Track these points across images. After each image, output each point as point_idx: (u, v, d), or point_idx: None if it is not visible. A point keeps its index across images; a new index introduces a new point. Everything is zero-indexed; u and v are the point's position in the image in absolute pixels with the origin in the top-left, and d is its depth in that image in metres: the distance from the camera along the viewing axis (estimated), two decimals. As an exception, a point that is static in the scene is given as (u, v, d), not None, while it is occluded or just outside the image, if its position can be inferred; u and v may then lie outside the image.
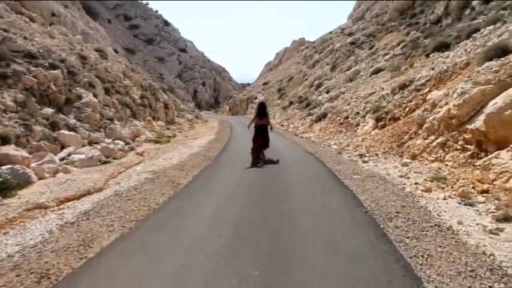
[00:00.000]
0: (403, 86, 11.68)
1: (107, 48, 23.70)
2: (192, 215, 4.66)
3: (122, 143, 12.63)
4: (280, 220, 4.35)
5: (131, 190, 6.20)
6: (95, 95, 14.74)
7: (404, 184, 6.07)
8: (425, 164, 7.07)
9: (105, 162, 9.84)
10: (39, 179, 7.34)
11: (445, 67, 9.67)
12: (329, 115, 16.14)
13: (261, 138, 9.16)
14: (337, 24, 54.46)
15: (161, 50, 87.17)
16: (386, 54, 23.90)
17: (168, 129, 21.06)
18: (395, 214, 4.51)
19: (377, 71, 21.04)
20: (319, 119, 17.40)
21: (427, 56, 14.77)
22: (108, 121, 14.62)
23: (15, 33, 13.97)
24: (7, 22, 15.22)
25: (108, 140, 12.60)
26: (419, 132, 8.10)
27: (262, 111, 9.56)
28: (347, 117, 13.84)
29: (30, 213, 5.13)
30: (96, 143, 12.56)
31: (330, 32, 51.87)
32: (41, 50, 13.89)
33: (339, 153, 9.84)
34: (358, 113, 13.28)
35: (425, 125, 7.82)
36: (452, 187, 5.56)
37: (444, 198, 5.14)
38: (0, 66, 11.14)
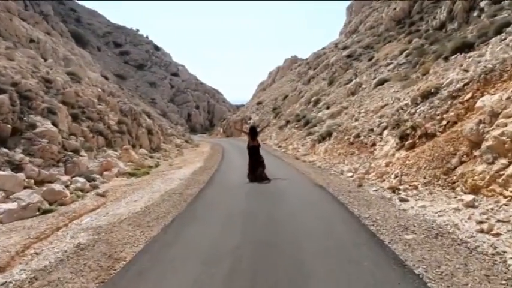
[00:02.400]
0: (427, 95, 9.38)
1: (81, 71, 21.49)
2: None
3: (82, 180, 10.10)
4: None
5: (38, 275, 3.68)
6: (54, 123, 12.29)
7: (502, 253, 3.52)
8: (504, 204, 4.63)
9: (45, 212, 7.29)
10: None
11: (489, 65, 7.44)
12: (334, 134, 13.76)
13: (255, 157, 9.91)
14: (328, 41, 53.15)
15: (152, 75, 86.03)
16: (389, 64, 21.90)
17: (151, 157, 18.57)
18: None
19: (382, 82, 18.97)
20: (323, 138, 15.02)
21: (446, 59, 12.61)
22: (71, 153, 12.12)
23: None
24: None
25: (65, 178, 10.05)
26: (476, 153, 5.72)
27: (253, 134, 10.47)
28: (358, 136, 11.46)
29: None
30: (50, 182, 10.05)
31: (323, 48, 50.46)
32: (-16, 72, 11.57)
33: (360, 185, 7.40)
34: (372, 129, 10.91)
35: (487, 144, 5.45)
36: None
37: None
38: None
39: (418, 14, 27.89)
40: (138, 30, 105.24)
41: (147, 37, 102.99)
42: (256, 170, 9.53)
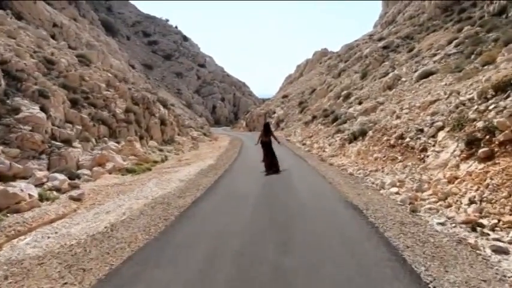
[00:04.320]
0: (504, 86, 6.93)
1: (92, 54, 20.08)
2: None
3: (61, 177, 8.40)
4: None
5: None
6: (43, 109, 10.71)
7: None
8: None
9: (-13, 222, 5.56)
10: None
11: None
12: (370, 133, 11.40)
13: (267, 151, 10.45)
14: (361, 34, 49.67)
15: (179, 66, 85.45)
16: (434, 54, 19.08)
17: (160, 150, 16.89)
18: None
19: (427, 75, 16.34)
20: (355, 137, 12.67)
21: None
22: (59, 143, 10.52)
23: None
24: None
25: (41, 174, 8.38)
26: None
27: (266, 130, 10.97)
28: (401, 137, 9.09)
29: None
30: (24, 178, 8.45)
31: (356, 40, 47.22)
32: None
33: (413, 210, 5.14)
34: (421, 130, 8.53)
35: None
36: None
37: None
38: None
39: (469, 0, 24.56)
40: (167, 21, 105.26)
41: (176, 27, 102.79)
42: (271, 163, 10.25)
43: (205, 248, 4.01)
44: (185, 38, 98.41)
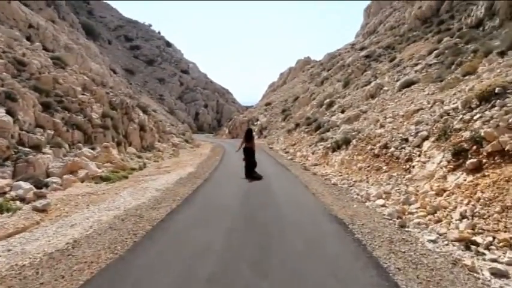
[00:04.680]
0: (488, 96, 6.85)
1: (69, 56, 19.32)
2: None
3: (26, 186, 7.78)
4: None
5: None
6: (10, 112, 10.02)
7: None
8: None
9: None
10: None
11: None
12: (353, 141, 11.21)
13: (249, 157, 10.65)
14: (343, 44, 50.19)
15: (162, 71, 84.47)
16: (416, 64, 19.32)
17: (139, 157, 16.26)
18: None
19: (408, 84, 16.48)
20: (338, 146, 12.48)
21: (502, 54, 10.01)
22: (28, 149, 9.85)
23: None
24: None
25: (4, 182, 7.73)
26: None
27: (249, 136, 11.20)
28: (386, 146, 8.92)
29: None
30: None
31: (338, 50, 47.77)
32: None
33: (401, 225, 4.86)
34: (405, 139, 8.37)
35: None
36: None
37: None
38: None
39: (448, 13, 25.17)
40: (150, 26, 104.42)
41: (159, 33, 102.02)
42: (251, 169, 10.54)
43: (175, 270, 3.58)
44: (168, 44, 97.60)
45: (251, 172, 10.38)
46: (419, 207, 5.51)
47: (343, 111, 20.40)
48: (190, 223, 5.37)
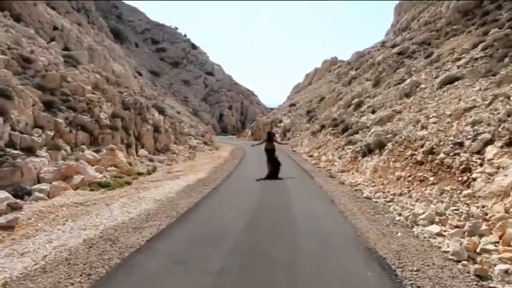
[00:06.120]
0: None
1: (82, 55, 18.61)
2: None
3: (2, 195, 6.67)
4: None
5: None
6: (1, 111, 9.07)
7: None
8: None
9: None
10: None
11: None
12: (389, 145, 9.49)
13: (271, 158, 11.11)
14: (371, 43, 47.50)
15: (187, 73, 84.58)
16: (458, 59, 17.20)
17: (150, 160, 15.19)
18: None
19: (451, 81, 14.49)
20: (369, 150, 10.77)
21: None
22: (17, 152, 8.84)
23: None
24: None
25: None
26: None
27: (270, 138, 11.84)
28: (432, 152, 7.19)
29: None
30: (-43, 195, 6.74)
31: (367, 48, 45.37)
32: None
33: (480, 275, 3.22)
34: (459, 144, 6.63)
35: None
36: None
37: None
38: None
39: (493, 3, 22.69)
40: (176, 28, 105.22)
41: (185, 35, 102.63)
42: (274, 169, 10.82)
43: None
44: (194, 46, 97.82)
45: (276, 172, 10.76)
46: (497, 242, 3.85)
47: (373, 112, 18.51)
48: (171, 260, 3.90)
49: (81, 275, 3.45)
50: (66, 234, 5.08)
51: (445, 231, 4.44)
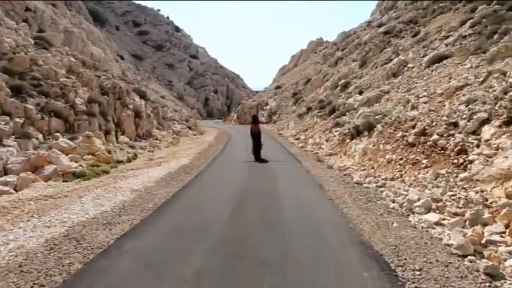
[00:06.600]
0: None
1: (55, 37, 17.50)
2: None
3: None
4: None
5: None
6: (-40, 96, 8.29)
7: None
8: None
9: None
10: None
11: None
12: (379, 127, 9.13)
13: (256, 141, 11.52)
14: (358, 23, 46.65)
15: (171, 57, 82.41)
16: (446, 37, 16.84)
17: (131, 147, 14.55)
18: None
19: (439, 59, 14.16)
20: (358, 132, 10.42)
21: None
22: (-19, 142, 8.14)
23: None
24: None
25: None
26: None
27: (255, 121, 12.36)
28: (424, 133, 6.86)
29: None
30: None
31: (353, 28, 44.68)
32: None
33: (490, 274, 2.86)
34: (453, 124, 6.28)
35: None
36: None
37: None
38: None
39: (480, -20, 22.26)
40: (159, 10, 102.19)
41: (167, 17, 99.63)
42: (259, 152, 11.31)
43: None
44: (177, 29, 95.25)
45: (259, 154, 11.27)
46: (503, 232, 3.51)
47: (360, 93, 18.14)
48: (141, 263, 3.42)
49: (31, 287, 2.96)
50: (27, 233, 4.55)
51: (444, 219, 4.10)
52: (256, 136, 11.52)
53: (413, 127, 7.50)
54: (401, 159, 7.01)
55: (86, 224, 4.82)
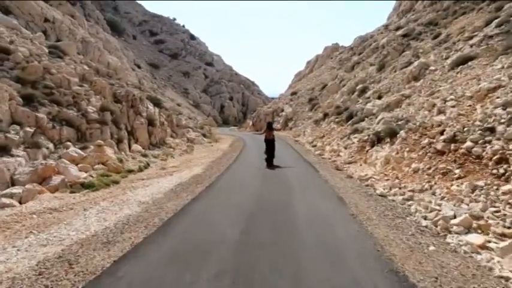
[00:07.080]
0: None
1: (69, 46, 17.57)
2: None
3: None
4: None
5: None
6: (-31, 106, 8.16)
7: None
8: None
9: None
10: None
11: None
12: (402, 133, 8.50)
13: (270, 148, 11.74)
14: (374, 28, 45.64)
15: (186, 65, 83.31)
16: (470, 38, 16.05)
17: (144, 156, 14.28)
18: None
19: (464, 61, 13.40)
20: (379, 139, 9.80)
21: None
22: (-11, 152, 7.95)
23: None
24: None
25: None
26: None
27: (270, 128, 12.54)
28: (455, 140, 6.21)
29: None
30: None
31: (369, 32, 43.86)
32: None
33: None
34: (489, 129, 5.63)
35: None
36: None
37: None
38: None
39: (504, -22, 21.30)
40: (174, 19, 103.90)
41: (183, 26, 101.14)
42: (271, 159, 11.54)
43: None
44: (192, 37, 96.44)
45: (271, 161, 11.51)
46: None
47: (379, 97, 17.47)
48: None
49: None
50: (20, 253, 4.19)
51: (489, 241, 3.51)
52: (270, 142, 11.86)
53: (442, 133, 6.87)
54: (429, 168, 6.38)
55: (84, 242, 4.43)
